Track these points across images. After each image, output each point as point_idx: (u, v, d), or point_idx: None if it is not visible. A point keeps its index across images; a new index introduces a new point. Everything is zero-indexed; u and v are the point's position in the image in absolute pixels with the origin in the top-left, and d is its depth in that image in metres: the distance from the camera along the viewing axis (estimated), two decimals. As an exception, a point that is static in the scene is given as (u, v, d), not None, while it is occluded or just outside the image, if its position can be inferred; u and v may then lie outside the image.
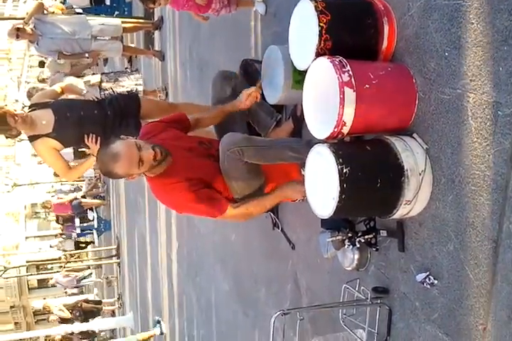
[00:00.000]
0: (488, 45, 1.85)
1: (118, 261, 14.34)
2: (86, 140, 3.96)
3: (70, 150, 10.35)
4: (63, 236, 19.29)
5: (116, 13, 8.93)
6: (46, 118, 4.00)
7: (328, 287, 3.07)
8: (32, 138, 4.03)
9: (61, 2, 9.57)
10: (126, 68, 8.85)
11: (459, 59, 1.98)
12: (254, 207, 3.04)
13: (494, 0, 1.79)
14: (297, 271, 3.51)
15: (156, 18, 7.38)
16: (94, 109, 4.14)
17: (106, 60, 10.60)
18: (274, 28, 3.52)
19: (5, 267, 17.55)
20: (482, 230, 1.93)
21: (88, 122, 4.08)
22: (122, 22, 6.79)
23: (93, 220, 15.96)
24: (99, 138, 3.93)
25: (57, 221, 17.50)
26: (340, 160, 2.08)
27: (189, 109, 4.39)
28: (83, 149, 11.57)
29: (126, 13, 8.85)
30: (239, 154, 2.78)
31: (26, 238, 38.05)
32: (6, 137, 4.28)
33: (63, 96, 4.36)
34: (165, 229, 7.89)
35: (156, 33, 7.43)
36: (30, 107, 4.15)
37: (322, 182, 2.20)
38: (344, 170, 2.07)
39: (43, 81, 9.20)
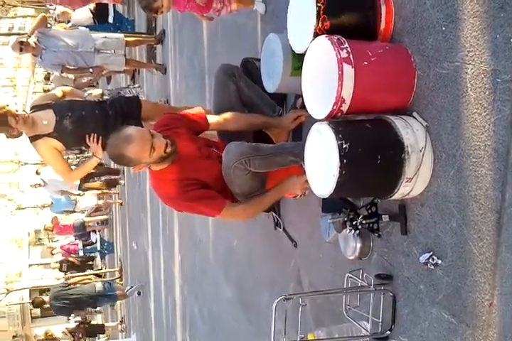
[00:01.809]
0: (484, 14, 1.85)
1: (121, 283, 14.20)
2: (87, 139, 3.99)
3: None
4: None
5: (119, 31, 9.02)
6: (47, 119, 4.04)
7: (331, 281, 3.01)
8: (33, 138, 4.05)
9: (63, 21, 9.68)
10: (129, 85, 8.92)
11: (456, 32, 1.98)
12: (254, 206, 3.04)
13: (490, -33, 1.80)
14: (300, 268, 3.46)
15: (157, 33, 7.47)
16: (96, 109, 4.17)
17: (109, 79, 10.70)
18: (274, 26, 3.54)
19: (7, 289, 17.41)
20: (485, 202, 1.90)
21: (89, 122, 4.11)
22: (125, 36, 6.88)
23: (96, 243, 15.87)
24: (100, 137, 3.93)
25: (60, 268, 15.30)
26: (340, 136, 2.07)
27: None
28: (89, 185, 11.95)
29: (129, 30, 8.94)
30: (246, 164, 2.79)
31: (30, 265, 37.89)
32: (7, 137, 4.30)
33: None
34: (167, 243, 7.85)
35: (159, 47, 7.50)
36: (31, 109, 4.20)
37: (322, 160, 2.18)
38: (344, 146, 2.05)
39: (47, 91, 9.45)
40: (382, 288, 2.45)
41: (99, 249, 16.16)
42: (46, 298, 9.28)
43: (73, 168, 4.62)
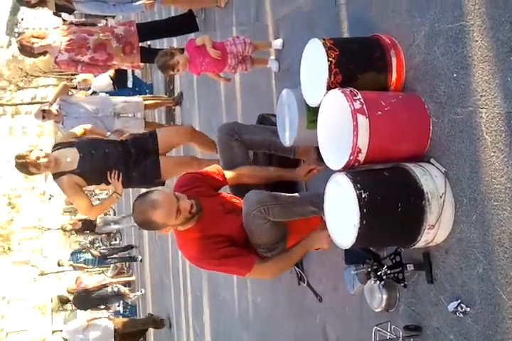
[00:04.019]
0: (494, 58, 1.88)
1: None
2: (109, 176, 4.17)
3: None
4: None
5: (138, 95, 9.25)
6: (71, 156, 4.23)
7: (358, 336, 2.94)
8: (56, 175, 4.24)
9: (84, 88, 9.97)
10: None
11: (467, 77, 2.01)
12: (282, 262, 3.00)
13: (495, 14, 1.85)
14: (326, 324, 3.38)
15: (175, 95, 7.65)
16: (118, 147, 4.36)
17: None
18: (288, 82, 3.62)
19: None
20: (510, 245, 1.87)
21: (112, 159, 4.29)
22: (144, 99, 7.05)
23: (119, 306, 15.69)
24: (121, 174, 4.17)
25: None
26: (358, 185, 2.07)
27: (203, 139, 4.83)
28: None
29: (147, 94, 9.17)
30: (265, 212, 2.79)
31: (53, 332, 37.45)
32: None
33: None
34: (190, 304, 7.74)
35: (177, 109, 7.67)
36: (55, 146, 4.41)
37: (342, 211, 2.17)
38: (363, 195, 2.05)
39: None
40: (412, 340, 2.38)
41: (122, 312, 15.96)
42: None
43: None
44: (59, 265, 13.91)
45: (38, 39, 5.10)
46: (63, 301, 12.54)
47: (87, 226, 12.80)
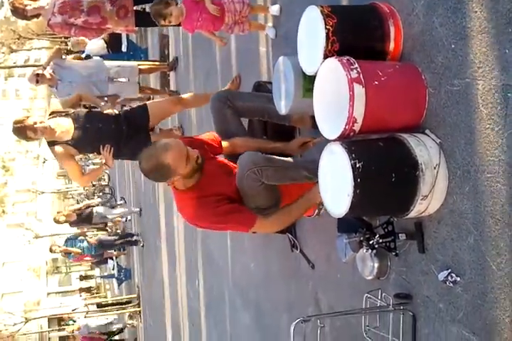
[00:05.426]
0: (492, 30, 1.87)
1: (139, 309, 14.16)
2: (102, 150, 4.36)
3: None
4: None
5: (133, 60, 9.13)
6: (66, 127, 4.37)
7: (350, 302, 2.99)
8: (51, 144, 4.39)
9: (77, 52, 9.82)
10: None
11: (465, 49, 2.00)
12: (285, 215, 3.00)
13: (495, -15, 1.82)
14: (318, 291, 3.43)
15: (170, 60, 7.57)
16: (112, 124, 4.51)
17: (124, 107, 10.79)
18: (285, 50, 3.58)
19: (26, 318, 17.39)
20: (501, 217, 1.89)
21: (105, 135, 4.46)
22: (138, 64, 6.96)
23: (113, 269, 15.85)
24: (113, 149, 4.38)
25: None
26: (353, 155, 2.08)
27: (193, 100, 5.00)
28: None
29: (142, 59, 9.05)
30: (258, 174, 2.81)
31: (48, 294, 37.90)
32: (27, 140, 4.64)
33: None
34: (184, 269, 7.83)
35: (172, 74, 7.59)
36: (51, 114, 4.50)
37: (336, 180, 2.18)
38: (357, 165, 2.06)
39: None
40: (402, 307, 2.43)
41: (116, 275, 16.14)
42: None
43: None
44: (51, 251, 13.56)
45: (31, 1, 5.01)
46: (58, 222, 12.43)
47: (83, 218, 12.36)
